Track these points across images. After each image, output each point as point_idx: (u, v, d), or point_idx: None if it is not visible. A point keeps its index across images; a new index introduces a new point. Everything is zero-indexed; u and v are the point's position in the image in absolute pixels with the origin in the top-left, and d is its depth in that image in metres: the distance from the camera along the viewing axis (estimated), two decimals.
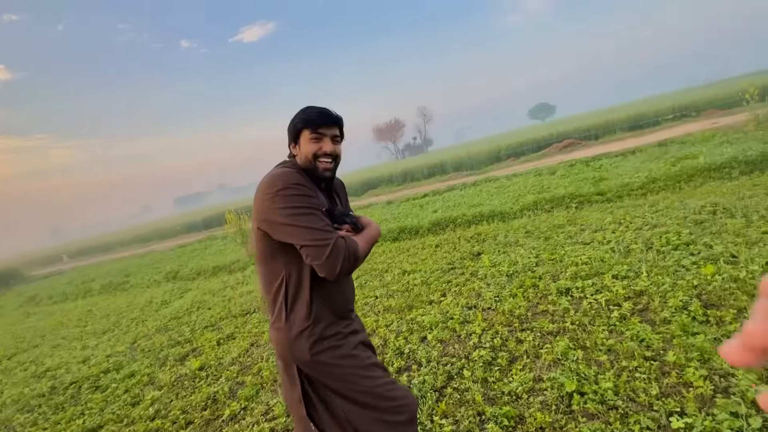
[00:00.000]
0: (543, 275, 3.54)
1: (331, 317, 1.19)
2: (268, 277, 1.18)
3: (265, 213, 1.09)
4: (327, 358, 1.16)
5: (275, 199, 1.06)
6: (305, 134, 1.18)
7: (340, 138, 1.25)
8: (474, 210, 6.90)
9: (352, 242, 1.10)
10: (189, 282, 7.63)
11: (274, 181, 1.08)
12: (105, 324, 5.84)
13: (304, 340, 1.14)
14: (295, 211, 1.05)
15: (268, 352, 3.38)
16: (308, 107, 1.20)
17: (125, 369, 3.80)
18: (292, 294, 1.16)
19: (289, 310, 1.16)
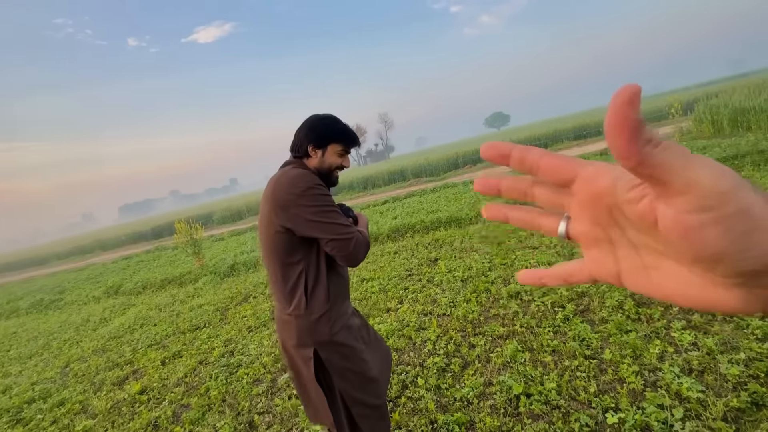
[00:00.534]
0: (495, 280, 3.67)
1: (341, 299, 1.34)
2: (284, 270, 1.26)
3: (290, 211, 1.17)
4: (343, 338, 1.30)
5: (301, 199, 1.16)
6: (336, 147, 1.30)
7: None
8: (432, 216, 7.02)
9: (365, 233, 1.27)
10: (133, 297, 7.08)
11: (296, 182, 1.18)
12: (32, 347, 5.26)
13: (324, 322, 1.27)
14: (321, 209, 1.17)
15: (218, 370, 3.20)
16: (342, 123, 1.33)
17: (54, 397, 3.43)
18: (311, 282, 1.26)
19: (309, 298, 1.26)
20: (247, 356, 3.36)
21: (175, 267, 8.70)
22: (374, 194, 15.58)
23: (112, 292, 7.69)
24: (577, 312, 2.75)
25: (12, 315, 8.08)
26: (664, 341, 2.20)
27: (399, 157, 58.83)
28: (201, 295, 5.93)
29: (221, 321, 4.50)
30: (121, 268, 10.87)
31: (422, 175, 17.02)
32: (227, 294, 5.51)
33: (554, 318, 2.72)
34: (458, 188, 10.38)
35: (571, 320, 2.65)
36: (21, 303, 8.70)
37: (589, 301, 2.84)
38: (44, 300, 8.34)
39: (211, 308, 4.99)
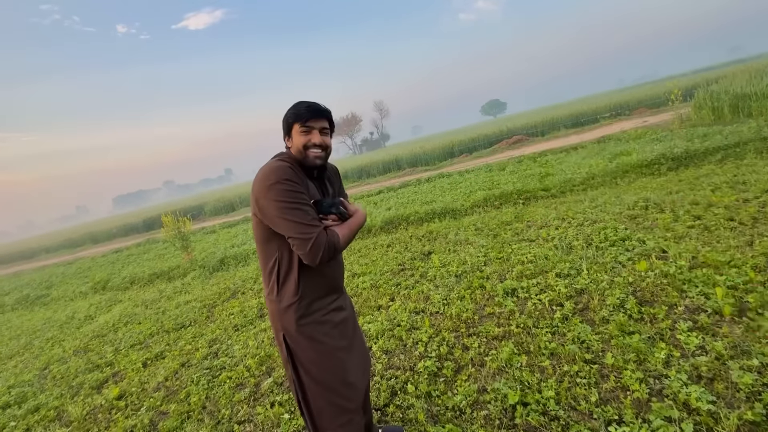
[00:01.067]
0: (491, 275, 3.52)
1: (317, 293, 1.34)
2: (264, 255, 1.33)
3: (260, 203, 1.22)
4: (310, 331, 1.32)
5: (269, 193, 1.19)
6: (296, 128, 1.31)
7: (329, 130, 1.38)
8: (426, 207, 6.85)
9: (333, 235, 1.23)
10: (120, 293, 6.90)
11: (269, 175, 1.20)
12: (13, 347, 5.09)
13: (291, 312, 1.31)
14: (284, 205, 1.18)
15: (200, 373, 3.05)
16: (299, 102, 1.34)
17: (29, 402, 3.27)
18: (283, 272, 1.31)
19: (281, 286, 1.31)
20: (231, 358, 3.21)
21: (164, 261, 8.50)
22: (369, 184, 15.36)
23: (99, 287, 7.50)
24: (576, 311, 2.61)
25: None
26: (669, 344, 2.06)
27: (395, 146, 58.37)
28: (189, 291, 5.76)
29: (207, 319, 4.34)
30: (110, 262, 10.65)
31: (417, 164, 16.80)
32: (215, 290, 5.34)
33: (552, 317, 2.58)
34: (454, 178, 10.19)
35: (570, 320, 2.51)
36: (7, 298, 8.49)
37: (589, 299, 2.69)
38: (30, 296, 8.14)
39: (198, 305, 4.83)
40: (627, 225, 3.83)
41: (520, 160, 10.29)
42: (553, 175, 7.23)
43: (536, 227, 4.56)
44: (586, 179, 6.28)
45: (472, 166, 11.63)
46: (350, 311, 1.53)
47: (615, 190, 5.43)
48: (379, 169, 17.40)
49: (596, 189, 5.87)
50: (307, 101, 1.34)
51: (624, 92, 35.91)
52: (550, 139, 15.33)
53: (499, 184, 7.68)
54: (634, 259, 3.07)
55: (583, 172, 6.77)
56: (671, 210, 3.95)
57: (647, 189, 5.02)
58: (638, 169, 6.15)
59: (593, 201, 5.03)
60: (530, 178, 7.53)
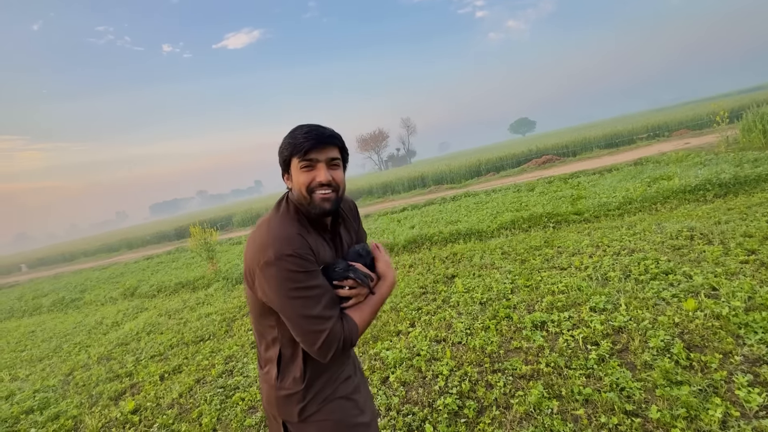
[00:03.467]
0: (518, 304, 3.31)
1: (325, 379, 1.07)
2: (260, 329, 1.06)
3: (255, 281, 0.96)
4: (321, 418, 1.05)
5: (266, 272, 0.92)
6: (295, 163, 0.99)
7: (340, 161, 1.04)
8: (451, 227, 6.68)
9: (351, 326, 0.97)
10: (147, 300, 7.08)
11: (265, 248, 0.92)
12: (45, 349, 5.28)
13: (294, 403, 1.03)
14: (286, 292, 0.91)
15: (213, 392, 3.00)
16: (296, 128, 1.00)
17: (51, 409, 3.32)
18: (286, 354, 1.03)
19: (281, 370, 1.04)
20: (245, 377, 3.15)
21: (190, 270, 8.71)
22: (393, 200, 15.32)
23: (128, 294, 7.74)
24: (613, 352, 2.38)
25: (35, 312, 8.28)
26: (725, 400, 1.81)
27: (421, 162, 58.48)
28: (211, 303, 5.82)
29: (226, 333, 4.33)
30: (141, 269, 11.04)
31: (443, 181, 16.62)
32: (236, 303, 5.36)
33: (587, 357, 2.36)
34: (480, 197, 9.97)
35: (607, 362, 2.28)
36: (44, 300, 8.92)
37: (629, 339, 2.45)
38: (65, 299, 8.51)
39: (218, 318, 4.84)
40: (670, 256, 3.53)
41: (551, 180, 9.95)
42: (585, 198, 6.91)
43: (568, 254, 4.30)
44: (623, 204, 5.95)
45: (499, 186, 11.36)
46: (359, 375, 1.23)
47: (655, 217, 5.09)
48: (404, 185, 17.35)
49: (634, 215, 5.53)
50: (307, 125, 1.00)
51: (661, 113, 34.57)
52: (582, 159, 14.83)
53: (527, 205, 7.42)
54: (680, 296, 2.80)
55: (619, 196, 6.42)
56: (720, 242, 3.62)
57: (692, 217, 4.66)
58: (681, 194, 5.76)
59: (631, 228, 4.72)
60: (561, 200, 7.23)
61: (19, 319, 8.06)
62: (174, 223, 29.97)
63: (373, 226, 9.00)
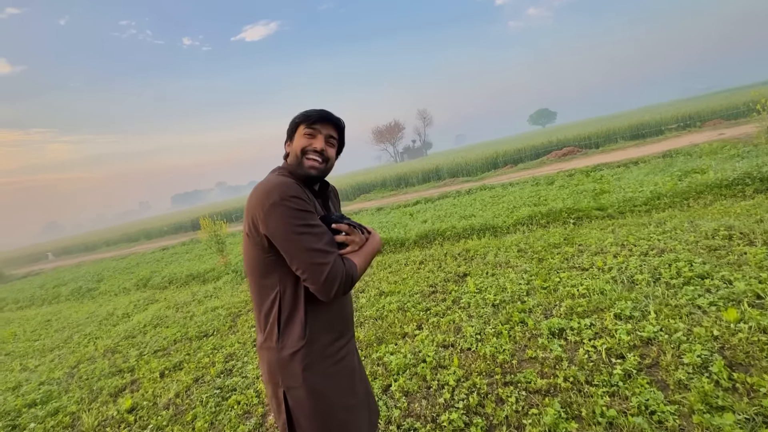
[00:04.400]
0: (534, 308, 3.06)
1: (326, 338, 1.12)
2: (260, 291, 1.11)
3: (261, 225, 1.03)
4: (317, 385, 1.08)
5: (272, 213, 1.00)
6: (300, 129, 1.16)
7: (336, 141, 1.21)
8: (465, 222, 6.41)
9: (351, 264, 1.06)
10: (159, 292, 7.12)
11: (270, 191, 1.02)
12: (57, 339, 5.34)
13: (297, 362, 1.07)
14: (292, 228, 1.00)
15: (209, 393, 2.88)
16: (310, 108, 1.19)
17: (52, 403, 3.29)
18: (286, 312, 1.08)
19: (282, 329, 1.08)
20: (243, 378, 3.03)
21: (202, 262, 8.73)
22: (407, 193, 15.05)
23: (141, 284, 7.82)
24: (642, 367, 2.12)
25: (54, 301, 8.48)
26: None
27: (437, 155, 57.68)
28: (218, 296, 5.76)
29: (230, 329, 4.24)
30: (156, 260, 11.20)
31: (459, 174, 16.19)
32: (242, 297, 5.28)
33: (611, 372, 2.11)
34: (496, 191, 9.61)
35: (634, 379, 2.03)
36: (63, 289, 9.14)
37: (659, 353, 2.18)
38: (82, 288, 8.69)
39: (224, 313, 4.77)
40: (705, 258, 3.20)
41: (571, 173, 9.49)
42: (609, 193, 6.51)
43: (590, 253, 4.00)
44: (651, 199, 5.54)
45: (516, 179, 10.95)
46: (357, 358, 1.28)
47: (687, 214, 4.70)
48: (418, 178, 16.99)
49: (663, 211, 5.14)
50: (319, 108, 1.18)
51: (693, 102, 32.85)
52: (606, 151, 14.18)
53: (546, 200, 7.06)
54: (719, 304, 2.49)
55: (646, 190, 6.00)
56: (764, 242, 3.26)
57: (729, 214, 4.26)
58: (716, 189, 5.32)
59: (660, 225, 4.36)
60: (583, 194, 6.84)
61: (39, 307, 8.27)
62: (192, 213, 30.51)
63: (385, 219, 8.80)
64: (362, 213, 11.22)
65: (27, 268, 20.88)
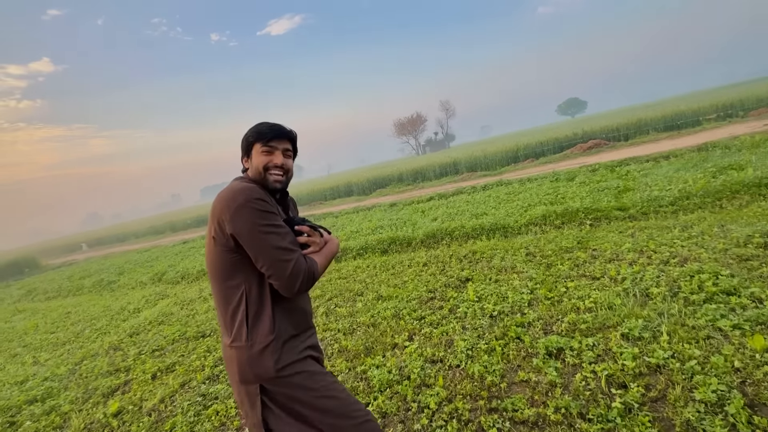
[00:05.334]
0: (534, 322, 2.82)
1: (292, 331, 1.19)
2: (225, 293, 1.16)
3: (227, 225, 1.08)
4: (292, 373, 1.14)
5: (238, 214, 1.07)
6: (257, 147, 1.22)
7: (292, 152, 1.29)
8: (475, 222, 6.13)
9: (312, 262, 1.15)
10: (171, 287, 7.26)
11: (235, 196, 1.09)
12: (71, 332, 5.52)
13: (267, 355, 1.12)
14: (257, 227, 1.07)
15: (192, 400, 2.83)
16: (261, 123, 1.25)
17: (50, 401, 3.36)
18: (253, 309, 1.14)
19: (251, 327, 1.13)
20: (228, 385, 2.96)
21: None
22: (422, 188, 14.75)
23: (156, 279, 8.01)
24: (645, 401, 1.86)
25: (78, 293, 8.86)
26: None
27: (459, 147, 56.56)
28: None
29: None
30: (174, 254, 11.50)
31: (477, 168, 15.64)
32: None
33: (609, 405, 1.87)
34: (513, 186, 9.20)
35: (634, 415, 1.78)
36: (86, 281, 9.54)
37: (668, 385, 1.92)
38: (104, 281, 9.02)
39: None
40: (734, 270, 2.85)
41: (594, 168, 8.95)
42: (633, 191, 6.05)
43: (603, 260, 3.68)
44: (678, 198, 5.08)
45: (536, 174, 10.46)
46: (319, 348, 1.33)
47: (718, 216, 4.25)
48: (435, 172, 16.59)
49: (691, 212, 4.69)
50: (270, 122, 1.25)
51: (736, 88, 30.51)
52: (636, 144, 13.34)
53: (564, 197, 6.65)
54: (744, 327, 2.18)
55: (674, 188, 5.52)
56: None
57: (767, 218, 3.82)
58: (754, 189, 4.80)
59: (686, 229, 3.97)
60: (604, 192, 6.39)
61: (64, 298, 8.67)
62: None
63: (396, 216, 8.61)
64: (375, 209, 11.07)
65: (62, 259, 22.13)
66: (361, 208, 11.97)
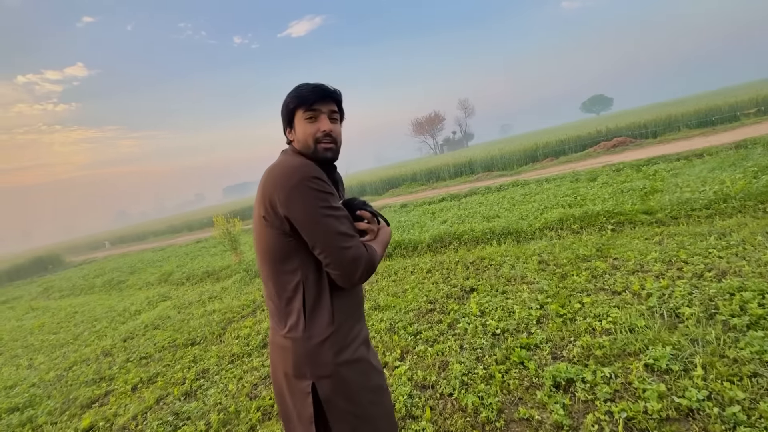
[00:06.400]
0: (541, 344, 2.46)
1: (350, 322, 1.10)
2: (279, 279, 1.05)
3: (281, 207, 0.97)
4: (350, 369, 1.05)
5: (293, 194, 0.96)
6: (299, 115, 1.07)
7: (338, 115, 1.12)
8: (486, 225, 5.75)
9: (372, 250, 1.04)
10: (175, 288, 7.20)
11: (289, 174, 0.98)
12: (72, 334, 5.48)
13: (327, 349, 1.03)
14: (315, 210, 0.96)
15: (161, 420, 2.62)
16: (300, 85, 1.08)
17: (30, 410, 3.23)
18: (311, 298, 1.03)
19: (308, 318, 1.03)
20: (203, 404, 2.74)
21: (222, 259, 8.76)
22: (436, 189, 14.34)
23: (163, 279, 7.99)
24: None
25: (89, 292, 8.96)
26: None
27: (477, 147, 55.51)
28: (222, 298, 5.62)
29: (217, 338, 4.01)
30: (185, 253, 11.54)
31: (493, 168, 15.05)
32: (242, 301, 5.06)
33: None
34: (530, 187, 8.72)
35: None
36: (98, 280, 9.66)
37: None
38: (114, 280, 9.10)
39: (218, 318, 4.57)
40: None
41: (619, 168, 8.37)
42: (661, 192, 5.52)
43: (625, 271, 3.27)
44: (714, 201, 4.56)
45: (555, 173, 9.92)
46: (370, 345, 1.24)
47: (761, 223, 3.75)
48: (450, 172, 16.11)
49: (729, 218, 4.18)
50: (311, 83, 1.07)
51: None
52: (665, 141, 12.53)
53: (584, 199, 6.18)
54: None
55: (709, 190, 4.99)
56: None
57: None
58: None
59: (723, 237, 3.50)
60: (629, 194, 5.88)
61: (76, 297, 8.78)
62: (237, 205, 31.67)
63: (405, 218, 8.29)
64: (385, 210, 10.77)
65: (84, 256, 22.85)
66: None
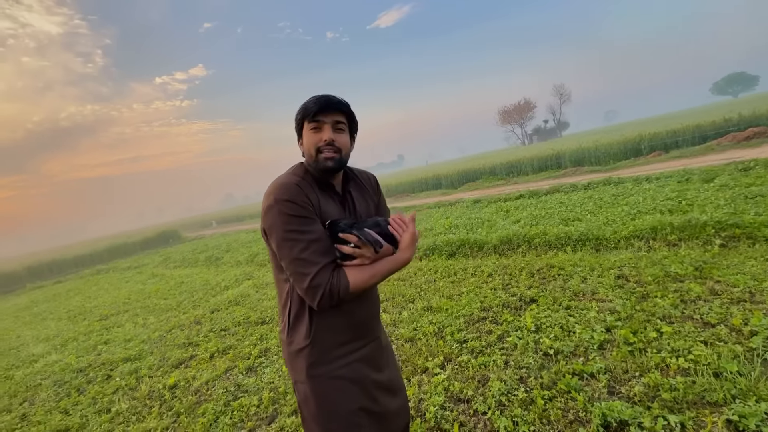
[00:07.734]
0: (598, 374, 2.20)
1: (332, 340, 1.12)
2: (278, 285, 1.18)
3: (262, 223, 1.08)
4: (320, 385, 1.10)
5: (267, 214, 1.04)
6: (306, 126, 1.13)
7: (345, 125, 1.15)
8: (562, 228, 5.24)
9: (341, 280, 1.02)
10: (258, 268, 8.02)
11: (270, 192, 1.06)
12: (176, 300, 6.50)
13: (302, 358, 1.11)
14: (281, 233, 1.02)
15: (225, 389, 2.98)
16: (309, 98, 1.13)
17: (137, 362, 3.96)
18: (294, 309, 1.13)
19: (292, 326, 1.13)
20: (260, 381, 3.04)
21: None
22: (516, 184, 13.40)
23: (250, 260, 8.95)
24: None
25: (194, 265, 10.48)
26: None
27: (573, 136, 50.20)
28: None
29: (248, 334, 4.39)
30: None
31: (584, 162, 13.40)
32: None
33: None
34: (624, 186, 7.66)
35: None
36: (201, 256, 11.22)
37: None
38: (213, 257, 10.49)
39: None
40: None
41: (748, 166, 6.86)
42: None
43: (728, 299, 2.71)
44: None
45: (659, 171, 8.53)
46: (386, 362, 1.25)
47: None
48: (532, 166, 14.83)
49: None
50: (318, 94, 1.11)
51: None
52: None
53: (691, 204, 5.22)
54: None
55: None
56: None
57: None
58: None
59: None
60: (754, 200, 4.80)
61: (184, 269, 10.35)
62: None
63: (475, 215, 7.96)
64: (457, 205, 10.47)
65: (196, 233, 26.71)
66: (443, 203, 11.47)
